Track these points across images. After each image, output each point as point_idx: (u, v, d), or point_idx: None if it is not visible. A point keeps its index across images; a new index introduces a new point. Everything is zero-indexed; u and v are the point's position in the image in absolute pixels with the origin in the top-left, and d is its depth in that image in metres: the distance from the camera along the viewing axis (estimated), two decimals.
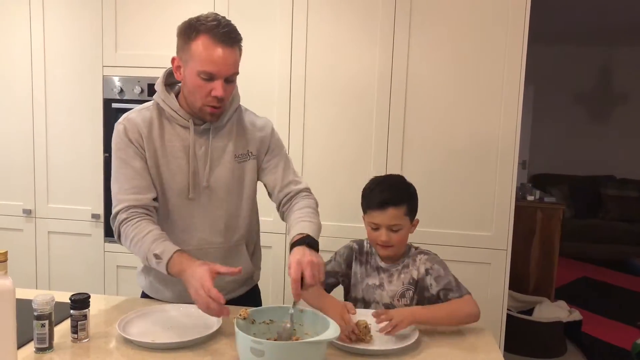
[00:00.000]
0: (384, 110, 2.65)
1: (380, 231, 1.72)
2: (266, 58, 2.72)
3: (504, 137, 2.57)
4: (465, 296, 1.67)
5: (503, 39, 2.54)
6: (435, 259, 1.76)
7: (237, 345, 1.26)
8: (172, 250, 1.49)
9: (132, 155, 1.61)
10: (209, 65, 1.50)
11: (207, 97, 1.55)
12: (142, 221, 1.57)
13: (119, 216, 1.59)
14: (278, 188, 1.75)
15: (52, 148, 2.96)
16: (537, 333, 3.53)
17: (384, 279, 1.78)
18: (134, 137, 1.61)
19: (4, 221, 3.04)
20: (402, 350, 1.45)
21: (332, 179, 2.73)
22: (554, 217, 4.05)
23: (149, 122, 1.63)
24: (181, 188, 1.65)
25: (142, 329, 1.50)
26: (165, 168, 1.64)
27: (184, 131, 1.64)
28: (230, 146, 1.68)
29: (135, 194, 1.59)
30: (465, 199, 2.64)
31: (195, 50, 1.50)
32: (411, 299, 1.74)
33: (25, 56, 2.93)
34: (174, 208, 1.66)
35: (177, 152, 1.64)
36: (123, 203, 1.59)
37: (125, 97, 2.83)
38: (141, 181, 1.61)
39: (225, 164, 1.67)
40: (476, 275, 2.63)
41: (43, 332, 1.35)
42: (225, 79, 1.54)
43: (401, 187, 1.78)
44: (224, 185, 1.68)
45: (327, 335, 1.25)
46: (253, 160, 1.73)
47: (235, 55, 1.55)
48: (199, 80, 1.52)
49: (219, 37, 1.50)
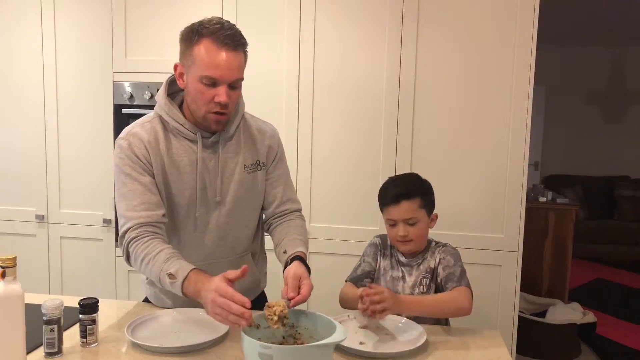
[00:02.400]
0: (393, 112, 2.64)
1: (398, 226, 1.77)
2: (274, 61, 2.73)
3: (514, 138, 2.55)
4: (458, 287, 1.68)
5: (512, 39, 2.52)
6: (449, 251, 1.80)
7: (244, 351, 1.26)
8: (187, 268, 1.41)
9: (139, 171, 1.53)
10: (212, 69, 1.44)
11: (210, 104, 1.48)
12: (154, 240, 1.49)
13: (127, 234, 1.51)
14: (276, 204, 1.73)
15: (64, 154, 2.99)
16: (551, 335, 3.49)
17: (405, 272, 1.82)
18: (140, 152, 1.54)
19: (18, 227, 3.07)
20: (410, 354, 1.43)
21: (341, 180, 2.72)
22: (566, 218, 4.01)
23: (154, 137, 1.56)
24: (190, 203, 1.59)
25: (150, 333, 1.50)
26: (173, 184, 1.58)
27: (192, 145, 1.58)
28: (240, 157, 1.63)
29: (145, 210, 1.51)
30: (475, 200, 2.62)
31: (198, 54, 1.45)
32: (427, 287, 1.77)
33: (36, 63, 2.97)
34: (183, 224, 1.62)
35: (185, 167, 1.57)
36: (133, 221, 1.50)
37: (136, 103, 2.85)
38: (151, 197, 1.53)
39: (235, 176, 1.62)
40: (488, 278, 2.61)
41: (52, 336, 1.35)
42: (229, 85, 1.47)
43: (414, 182, 1.84)
44: (234, 198, 1.63)
45: (334, 339, 1.25)
46: (263, 170, 1.69)
47: (240, 59, 1.48)
48: (201, 86, 1.46)
49: (222, 40, 1.43)
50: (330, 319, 1.36)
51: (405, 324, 1.62)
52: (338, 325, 1.30)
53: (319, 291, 2.75)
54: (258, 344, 1.20)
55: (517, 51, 2.52)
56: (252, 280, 1.76)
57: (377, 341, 1.52)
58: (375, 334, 1.57)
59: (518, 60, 2.52)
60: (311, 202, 2.74)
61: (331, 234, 2.73)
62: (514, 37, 2.52)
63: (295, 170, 2.74)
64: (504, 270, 2.61)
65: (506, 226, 2.60)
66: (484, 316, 2.62)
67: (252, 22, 2.72)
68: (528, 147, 2.55)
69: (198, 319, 1.61)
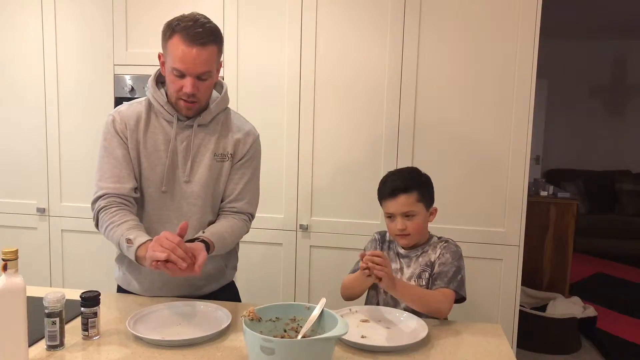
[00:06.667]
0: (394, 106, 2.64)
1: (396, 220, 1.78)
2: (276, 55, 2.72)
3: (516, 132, 2.55)
4: (444, 289, 1.68)
5: (514, 34, 2.51)
6: (450, 248, 1.80)
7: (247, 344, 1.26)
8: (145, 237, 1.53)
9: (115, 145, 1.68)
10: (179, 63, 1.58)
11: (179, 92, 1.63)
12: (120, 211, 1.62)
13: (97, 203, 1.66)
14: (230, 198, 1.79)
15: (65, 147, 2.99)
16: (551, 329, 3.50)
17: (404, 263, 1.83)
18: (119, 127, 1.68)
19: (19, 220, 3.08)
20: (412, 347, 1.44)
21: (343, 175, 2.72)
22: (567, 212, 4.01)
23: (137, 115, 1.71)
24: (159, 180, 1.71)
25: (152, 326, 1.51)
26: (145, 159, 1.70)
27: (169, 125, 1.71)
28: (211, 144, 1.73)
29: (114, 182, 1.66)
30: (477, 194, 2.62)
31: (170, 48, 1.59)
32: (427, 281, 1.77)
33: (37, 56, 2.96)
34: (150, 199, 1.72)
35: (159, 145, 1.70)
36: (102, 190, 1.66)
37: (137, 95, 2.84)
38: (122, 170, 1.67)
39: (205, 160, 1.72)
40: (488, 272, 2.61)
41: (54, 329, 1.36)
42: (197, 77, 1.60)
43: (412, 176, 1.84)
44: (202, 181, 1.72)
45: (336, 332, 1.25)
46: (229, 162, 1.77)
47: (207, 54, 1.59)
48: (172, 76, 1.62)
49: (191, 37, 1.56)
50: (332, 312, 1.36)
51: (406, 317, 1.62)
52: (340, 318, 1.30)
53: (320, 284, 2.77)
54: (260, 337, 1.20)
55: (520, 45, 2.51)
56: (215, 267, 1.80)
57: (378, 335, 1.52)
58: (377, 327, 1.57)
59: (520, 54, 2.51)
60: (312, 195, 2.74)
61: (332, 228, 2.73)
62: (516, 31, 2.51)
63: (296, 165, 2.74)
64: (505, 264, 2.61)
65: (507, 220, 2.59)
66: (485, 310, 2.63)
67: (254, 16, 2.71)
68: (530, 141, 2.54)
69: (200, 312, 1.62)
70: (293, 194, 2.76)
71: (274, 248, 2.80)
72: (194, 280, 1.75)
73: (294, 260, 2.78)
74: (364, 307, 1.71)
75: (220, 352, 1.38)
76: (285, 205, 2.77)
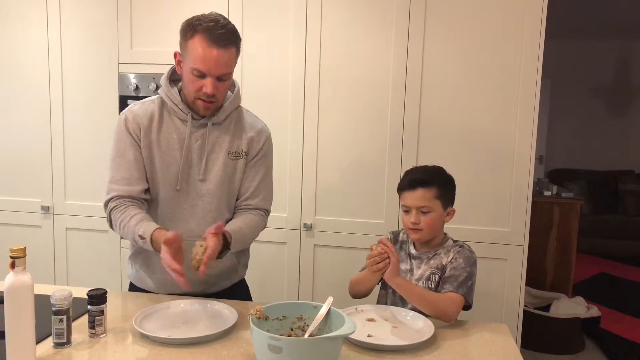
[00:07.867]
0: (399, 105, 2.63)
1: (411, 213, 1.77)
2: (280, 54, 2.72)
3: (521, 132, 2.54)
4: (452, 294, 1.66)
5: (520, 34, 2.51)
6: (464, 253, 1.77)
7: (254, 342, 1.26)
8: (151, 230, 1.56)
9: (127, 145, 1.69)
10: (201, 63, 1.58)
11: (199, 92, 1.63)
12: (128, 208, 1.65)
13: (109, 204, 1.69)
14: (246, 196, 1.80)
15: (69, 145, 2.99)
16: (555, 329, 3.50)
17: (414, 265, 1.82)
18: (132, 127, 1.69)
19: (23, 218, 3.08)
20: (418, 346, 1.44)
21: (347, 173, 2.72)
22: (571, 212, 4.01)
23: (150, 115, 1.71)
24: (173, 178, 1.71)
25: (158, 325, 1.51)
26: (159, 158, 1.70)
27: (182, 124, 1.71)
28: (225, 143, 1.74)
29: (125, 185, 1.68)
30: (481, 194, 2.61)
31: (191, 48, 1.58)
32: (436, 284, 1.75)
33: (42, 54, 2.96)
34: (166, 197, 1.73)
35: (173, 144, 1.70)
36: (113, 192, 1.68)
37: (141, 94, 2.84)
38: (133, 172, 1.68)
39: (219, 159, 1.73)
40: (493, 271, 2.61)
41: (61, 327, 1.36)
42: (217, 78, 1.61)
43: (435, 172, 1.84)
44: (217, 179, 1.73)
45: (343, 331, 1.25)
46: (243, 159, 1.78)
47: (228, 56, 1.60)
48: (192, 76, 1.61)
49: (214, 38, 1.56)
50: (339, 311, 1.36)
51: (413, 317, 1.62)
52: (347, 317, 1.31)
53: (324, 283, 2.77)
54: (267, 335, 1.20)
55: (525, 45, 2.50)
56: (228, 265, 1.81)
57: (385, 333, 1.52)
58: (383, 326, 1.57)
59: (525, 54, 2.50)
60: (316, 194, 2.74)
61: (336, 227, 2.73)
62: (521, 31, 2.50)
63: (300, 164, 2.74)
64: (509, 264, 2.61)
65: (512, 220, 2.59)
66: (489, 310, 2.62)
67: (258, 15, 2.71)
68: (535, 141, 2.54)
69: (206, 310, 1.62)
70: (297, 193, 2.76)
71: (278, 247, 2.80)
72: (207, 277, 1.73)
73: (298, 260, 2.78)
74: (370, 305, 1.71)
75: (226, 351, 1.39)
76: (290, 204, 2.77)
